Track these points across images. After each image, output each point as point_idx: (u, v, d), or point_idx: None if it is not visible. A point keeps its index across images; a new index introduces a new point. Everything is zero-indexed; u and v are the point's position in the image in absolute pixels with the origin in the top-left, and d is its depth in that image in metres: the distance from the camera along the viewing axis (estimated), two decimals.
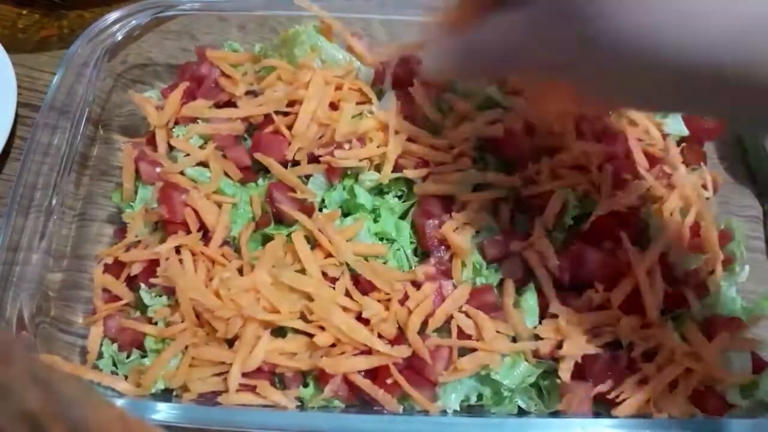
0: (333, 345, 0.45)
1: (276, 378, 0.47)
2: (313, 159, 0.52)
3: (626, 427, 0.41)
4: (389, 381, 0.45)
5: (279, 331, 0.47)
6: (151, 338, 0.48)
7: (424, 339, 0.45)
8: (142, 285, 0.49)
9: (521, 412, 0.46)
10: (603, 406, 0.45)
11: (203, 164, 0.53)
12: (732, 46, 0.30)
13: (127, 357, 0.48)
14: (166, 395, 0.46)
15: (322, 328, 0.45)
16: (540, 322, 0.47)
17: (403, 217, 0.51)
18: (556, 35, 0.33)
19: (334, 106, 0.54)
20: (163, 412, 0.42)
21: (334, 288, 0.47)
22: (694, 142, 0.58)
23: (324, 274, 0.47)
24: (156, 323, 0.48)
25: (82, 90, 0.54)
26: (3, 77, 0.61)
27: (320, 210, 0.51)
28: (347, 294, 0.47)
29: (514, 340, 0.46)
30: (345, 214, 0.51)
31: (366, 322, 0.46)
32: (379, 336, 0.45)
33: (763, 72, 0.30)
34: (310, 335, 0.46)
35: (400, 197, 0.53)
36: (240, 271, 0.48)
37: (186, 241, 0.49)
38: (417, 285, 0.47)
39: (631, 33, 0.30)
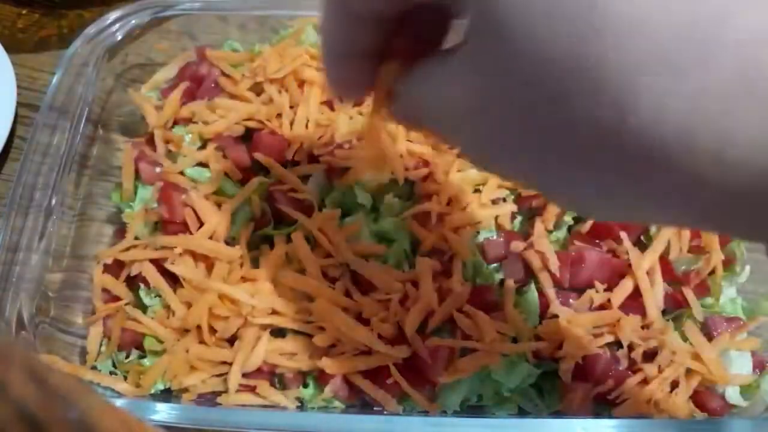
0: (333, 345, 0.45)
1: (276, 378, 0.47)
2: (313, 159, 0.52)
3: (627, 427, 0.41)
4: (389, 381, 0.45)
5: (279, 332, 0.47)
6: (151, 338, 0.48)
7: (424, 339, 0.45)
8: (142, 285, 0.50)
9: (521, 413, 0.46)
10: (603, 407, 0.45)
11: (203, 164, 0.53)
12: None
13: (127, 357, 0.49)
14: (165, 395, 0.46)
15: (322, 329, 0.45)
16: (540, 323, 0.47)
17: (403, 216, 0.51)
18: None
19: (332, 107, 0.54)
20: (163, 412, 0.42)
21: (334, 288, 0.47)
22: None
23: (324, 274, 0.47)
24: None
25: (81, 90, 0.54)
26: (3, 77, 0.61)
27: (320, 210, 0.51)
28: (347, 294, 0.47)
29: (515, 340, 0.46)
30: (345, 214, 0.51)
31: (366, 322, 0.46)
32: (379, 336, 0.45)
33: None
34: (310, 335, 0.46)
35: (400, 197, 0.52)
36: None
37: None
38: (417, 285, 0.47)
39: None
